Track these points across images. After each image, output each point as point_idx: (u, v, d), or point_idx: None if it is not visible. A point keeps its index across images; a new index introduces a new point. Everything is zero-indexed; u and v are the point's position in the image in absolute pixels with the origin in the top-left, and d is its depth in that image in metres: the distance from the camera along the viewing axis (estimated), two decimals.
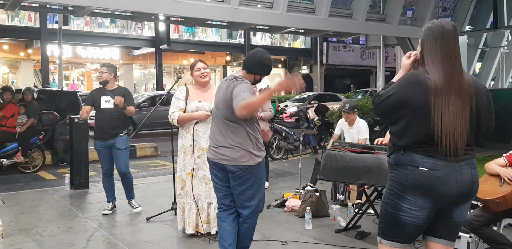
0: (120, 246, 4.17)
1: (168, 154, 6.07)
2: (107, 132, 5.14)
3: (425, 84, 2.29)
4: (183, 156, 4.33)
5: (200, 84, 4.39)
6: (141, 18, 8.74)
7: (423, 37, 2.44)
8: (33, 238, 4.40)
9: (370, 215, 4.83)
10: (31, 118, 8.18)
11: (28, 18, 20.20)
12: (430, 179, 2.31)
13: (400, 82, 2.40)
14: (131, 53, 24.73)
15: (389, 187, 2.46)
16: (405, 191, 2.36)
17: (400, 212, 2.38)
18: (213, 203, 4.24)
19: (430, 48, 2.39)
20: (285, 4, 8.36)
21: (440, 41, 2.37)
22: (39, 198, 6.02)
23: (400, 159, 2.39)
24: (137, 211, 5.24)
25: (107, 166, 5.28)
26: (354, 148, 4.36)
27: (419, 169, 2.32)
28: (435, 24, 2.43)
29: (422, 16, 10.61)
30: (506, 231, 3.72)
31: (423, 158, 2.33)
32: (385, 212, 2.47)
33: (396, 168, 2.42)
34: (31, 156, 8.19)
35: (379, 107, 2.44)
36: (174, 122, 4.28)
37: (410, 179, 2.34)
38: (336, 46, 27.44)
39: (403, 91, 2.33)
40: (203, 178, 4.27)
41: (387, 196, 2.46)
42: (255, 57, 3.35)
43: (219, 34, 25.52)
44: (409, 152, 2.36)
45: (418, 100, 2.29)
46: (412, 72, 2.45)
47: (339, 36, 11.44)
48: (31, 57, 21.97)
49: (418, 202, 2.34)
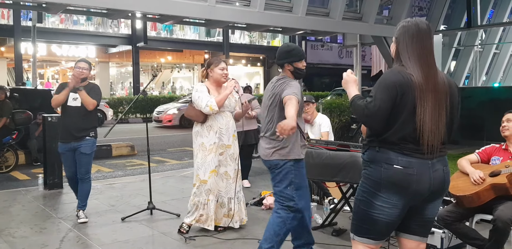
0: (95, 247, 4.11)
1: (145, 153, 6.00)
2: (72, 133, 4.76)
3: (410, 80, 2.30)
4: (202, 155, 4.29)
5: (216, 83, 4.41)
6: (117, 15, 8.60)
7: (398, 35, 2.45)
8: (4, 239, 4.30)
9: (346, 212, 4.87)
10: (4, 117, 8.01)
11: (1, 15, 19.76)
12: (403, 177, 2.32)
13: (385, 83, 2.33)
14: (107, 51, 24.41)
15: (362, 184, 2.46)
16: (378, 189, 2.36)
17: (372, 209, 2.39)
18: (234, 199, 4.39)
19: (407, 46, 2.39)
20: (262, 2, 8.35)
21: (415, 39, 2.39)
22: (12, 198, 5.89)
23: (374, 156, 2.39)
24: (81, 222, 4.77)
25: (72, 169, 4.92)
26: (330, 145, 4.38)
27: (393, 166, 2.33)
28: (410, 22, 2.44)
29: (398, 15, 10.72)
30: (479, 226, 3.78)
31: (397, 156, 2.33)
32: (357, 209, 2.48)
33: (370, 165, 2.42)
34: (4, 156, 8.03)
35: (375, 119, 2.31)
36: (214, 108, 4.17)
37: (384, 177, 2.34)
38: (314, 45, 27.59)
39: (391, 92, 2.29)
40: (224, 174, 4.36)
41: (360, 193, 2.46)
42: (277, 52, 3.64)
43: (197, 32, 25.40)
44: (385, 149, 2.36)
45: (407, 97, 2.29)
46: (392, 70, 2.40)
47: (317, 35, 11.48)
48: (4, 55, 21.51)
49: (391, 199, 2.35)
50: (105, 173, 8.13)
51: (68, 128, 4.78)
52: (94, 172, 8.23)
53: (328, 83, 27.81)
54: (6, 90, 8.46)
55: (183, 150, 11.11)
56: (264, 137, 3.40)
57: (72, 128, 4.76)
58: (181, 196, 6.00)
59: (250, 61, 29.05)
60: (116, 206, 5.48)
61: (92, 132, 4.86)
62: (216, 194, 4.35)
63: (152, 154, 5.27)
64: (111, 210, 5.34)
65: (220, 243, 4.14)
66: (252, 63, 29.30)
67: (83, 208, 4.97)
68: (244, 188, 6.30)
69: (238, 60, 27.90)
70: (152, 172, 5.31)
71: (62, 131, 4.88)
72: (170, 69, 28.55)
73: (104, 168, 8.61)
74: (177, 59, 26.72)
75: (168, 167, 8.76)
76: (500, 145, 3.73)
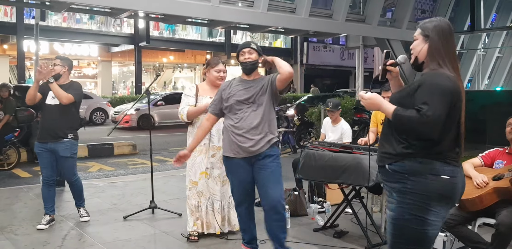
0: (96, 245, 4.11)
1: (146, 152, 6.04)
2: (48, 133, 4.50)
3: (458, 85, 2.18)
4: (193, 156, 4.13)
5: (213, 84, 4.30)
6: (120, 14, 8.62)
7: (432, 34, 2.26)
8: (7, 236, 4.31)
9: (348, 214, 4.87)
10: (7, 114, 8.02)
11: (4, 13, 19.78)
12: (451, 187, 2.19)
13: (441, 90, 2.13)
14: (109, 50, 24.42)
15: (406, 201, 2.20)
16: (428, 203, 2.17)
17: (427, 226, 2.18)
18: (226, 203, 4.28)
19: (442, 46, 2.24)
20: (265, 3, 8.37)
21: (449, 39, 2.26)
22: (14, 196, 5.90)
23: (416, 167, 2.19)
24: (84, 220, 4.77)
25: (47, 172, 4.63)
26: (333, 147, 4.39)
27: (440, 177, 2.17)
28: (442, 21, 2.30)
29: (401, 18, 10.74)
30: (481, 230, 3.78)
31: (442, 165, 2.18)
32: (408, 231, 2.21)
33: (409, 178, 2.19)
34: (6, 153, 8.03)
35: (434, 127, 2.10)
36: (184, 118, 4.17)
37: (431, 189, 2.16)
38: (316, 46, 27.59)
39: (447, 98, 2.13)
40: (218, 177, 4.21)
41: (405, 211, 2.21)
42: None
43: (200, 32, 25.40)
44: (428, 159, 2.18)
45: (458, 103, 2.17)
46: (441, 74, 2.18)
47: (319, 36, 11.51)
48: (7, 53, 21.51)
49: (441, 212, 2.21)
50: (107, 172, 8.14)
51: (45, 127, 4.55)
52: (96, 170, 8.24)
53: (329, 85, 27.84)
54: (9, 88, 8.47)
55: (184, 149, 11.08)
56: None
57: (50, 127, 4.52)
58: (182, 195, 5.98)
59: None
60: (118, 205, 5.48)
61: (71, 134, 4.58)
62: (208, 197, 4.21)
63: (153, 153, 5.27)
64: (113, 208, 5.35)
65: (222, 243, 4.15)
66: None
67: (82, 204, 4.92)
68: None
69: None
70: (154, 171, 5.31)
71: (40, 130, 4.62)
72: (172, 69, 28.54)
73: (106, 167, 8.61)
74: (179, 59, 26.72)
75: (170, 166, 8.75)
76: (503, 149, 3.73)
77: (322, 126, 5.95)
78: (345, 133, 5.53)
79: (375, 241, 4.11)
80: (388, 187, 2.33)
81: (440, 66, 2.23)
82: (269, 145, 3.42)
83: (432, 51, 2.26)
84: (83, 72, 26.10)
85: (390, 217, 2.30)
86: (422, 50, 2.30)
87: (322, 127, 5.92)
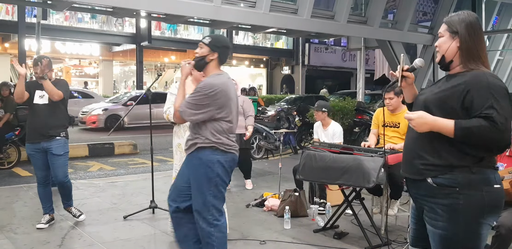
0: (96, 245, 4.11)
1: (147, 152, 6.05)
2: (40, 133, 4.43)
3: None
4: (180, 156, 4.06)
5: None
6: (122, 14, 8.64)
7: (462, 29, 2.07)
8: (6, 235, 4.31)
9: (348, 215, 4.87)
10: (8, 113, 8.02)
11: (6, 11, 19.78)
12: (502, 196, 2.03)
13: (504, 92, 1.97)
14: (111, 50, 24.43)
15: (459, 219, 1.98)
16: (482, 216, 1.98)
17: (480, 240, 2.01)
18: None
19: (475, 43, 2.06)
20: (267, 4, 8.37)
21: (480, 35, 2.09)
22: (14, 194, 5.90)
23: (470, 179, 1.97)
24: (81, 219, 4.74)
25: (42, 173, 4.59)
26: (334, 148, 4.39)
27: (494, 187, 1.99)
28: (471, 15, 2.11)
29: (402, 20, 10.74)
30: None
31: (493, 173, 2.01)
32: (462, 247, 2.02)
33: (461, 192, 1.97)
34: (6, 152, 8.03)
35: (508, 133, 1.92)
36: (170, 118, 3.98)
37: (487, 202, 1.96)
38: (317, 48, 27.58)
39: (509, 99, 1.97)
40: None
41: (461, 230, 1.99)
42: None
43: (201, 32, 25.40)
44: (480, 167, 1.98)
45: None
46: (491, 75, 2.02)
47: (321, 37, 11.52)
48: (8, 51, 21.53)
49: (491, 222, 2.05)
50: (107, 171, 8.14)
51: (36, 127, 4.45)
52: (96, 170, 8.24)
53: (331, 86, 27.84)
54: (10, 87, 8.47)
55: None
56: None
57: (41, 126, 4.43)
58: None
59: (253, 62, 29.04)
60: (118, 204, 5.49)
61: (63, 132, 4.55)
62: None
63: (154, 153, 5.27)
64: (113, 208, 5.35)
65: None
66: (255, 64, 29.29)
67: (71, 204, 4.81)
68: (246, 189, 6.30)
69: (241, 62, 27.90)
70: (154, 171, 5.31)
71: (29, 131, 4.52)
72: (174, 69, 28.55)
73: (106, 166, 8.62)
74: (180, 59, 26.68)
75: (170, 166, 8.74)
76: (504, 151, 3.73)
77: (314, 130, 5.89)
78: (335, 133, 5.51)
79: (375, 242, 4.12)
80: (430, 203, 2.07)
81: (477, 65, 2.05)
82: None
83: (467, 48, 2.06)
84: (84, 72, 26.13)
85: (438, 236, 2.05)
86: (450, 48, 2.10)
87: (315, 132, 5.87)
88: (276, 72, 29.33)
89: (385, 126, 4.75)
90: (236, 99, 3.28)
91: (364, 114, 9.87)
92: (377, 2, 10.11)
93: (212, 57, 3.18)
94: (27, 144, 4.55)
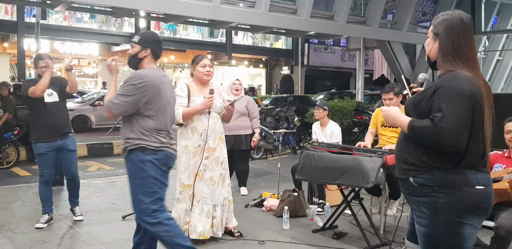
0: (95, 245, 4.11)
1: None
2: (57, 130, 4.51)
3: (477, 87, 2.01)
4: (186, 158, 4.06)
5: (201, 82, 4.19)
6: (121, 13, 8.63)
7: (441, 30, 2.11)
8: (5, 235, 4.31)
9: (347, 216, 4.87)
10: (7, 113, 8.03)
11: (5, 11, 19.76)
12: (487, 197, 2.05)
13: (456, 94, 1.97)
14: (110, 49, 24.41)
15: (439, 217, 2.04)
16: (463, 216, 2.01)
17: (463, 241, 2.05)
18: (219, 205, 4.16)
19: (453, 44, 2.08)
20: (267, 4, 8.37)
21: (461, 36, 2.08)
22: (13, 194, 5.90)
23: (447, 179, 2.02)
24: (78, 219, 4.77)
25: (50, 171, 4.63)
26: (333, 148, 4.38)
27: (475, 188, 2.01)
28: (453, 16, 2.12)
29: (402, 20, 10.75)
30: (480, 233, 3.76)
31: (476, 174, 2.03)
32: (443, 247, 2.07)
33: (440, 191, 2.02)
34: (5, 152, 8.03)
35: (452, 137, 1.93)
36: (178, 120, 3.97)
37: (467, 202, 2.00)
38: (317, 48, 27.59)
39: (465, 102, 1.97)
40: (209, 180, 4.11)
41: (441, 228, 2.04)
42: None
43: (201, 33, 25.40)
44: (459, 168, 2.02)
45: (480, 106, 2.01)
46: (456, 76, 2.03)
47: (320, 37, 11.51)
48: (7, 51, 21.50)
49: (475, 223, 2.07)
50: (106, 171, 8.13)
51: (52, 125, 4.49)
52: (95, 169, 8.23)
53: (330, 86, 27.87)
54: (9, 86, 8.48)
55: None
56: None
57: (57, 124, 4.51)
58: None
59: (253, 62, 29.04)
60: (117, 204, 5.48)
61: (71, 128, 4.76)
62: (198, 200, 4.08)
63: None
64: (112, 208, 5.34)
65: (220, 244, 4.14)
66: (255, 64, 29.29)
67: (78, 203, 4.91)
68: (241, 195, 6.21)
69: (240, 62, 27.90)
70: None
71: (44, 130, 4.48)
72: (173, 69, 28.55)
73: (105, 166, 8.61)
74: (179, 59, 26.71)
75: None
76: (503, 152, 3.73)
77: (313, 130, 5.88)
78: (333, 133, 5.49)
79: (373, 242, 4.12)
80: (414, 201, 2.15)
81: (454, 66, 2.07)
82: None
83: (443, 50, 2.10)
84: (84, 71, 26.10)
85: (421, 233, 2.13)
86: (432, 48, 2.17)
87: (313, 132, 5.85)
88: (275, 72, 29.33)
89: (384, 126, 4.76)
90: (170, 98, 3.27)
91: (363, 115, 9.87)
92: (376, 2, 10.12)
93: (145, 53, 3.19)
94: (40, 144, 4.49)
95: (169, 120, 3.25)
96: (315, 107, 5.63)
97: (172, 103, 3.34)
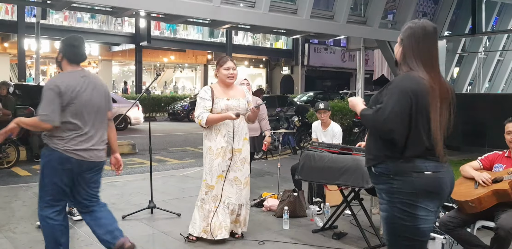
0: (95, 244, 4.10)
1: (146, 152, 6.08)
2: None
3: (423, 85, 2.25)
4: (210, 159, 4.10)
5: (224, 84, 4.22)
6: (122, 13, 8.62)
7: (404, 37, 2.39)
8: (5, 234, 4.31)
9: (347, 216, 4.86)
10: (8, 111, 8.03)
11: (5, 11, 19.79)
12: (437, 182, 2.28)
13: (399, 90, 2.26)
14: (110, 49, 24.44)
15: (393, 200, 2.32)
16: (416, 199, 2.27)
17: (420, 221, 2.29)
18: (245, 205, 4.21)
19: (413, 49, 2.35)
20: (267, 4, 8.36)
21: (421, 42, 2.34)
22: (13, 194, 5.89)
23: (398, 167, 2.29)
24: (77, 219, 4.74)
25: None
26: (333, 149, 4.38)
27: (424, 173, 2.27)
28: (417, 24, 2.39)
29: (402, 20, 10.73)
30: (480, 233, 3.78)
31: (424, 162, 2.28)
32: (402, 228, 2.31)
33: (394, 178, 2.30)
34: (5, 152, 8.02)
35: (387, 126, 2.23)
36: (203, 124, 4.02)
37: (418, 186, 2.26)
38: (317, 48, 27.62)
39: (404, 98, 2.23)
40: (234, 180, 4.14)
41: (396, 211, 2.31)
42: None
43: (201, 33, 25.43)
44: (409, 157, 2.28)
45: (422, 103, 2.24)
46: (406, 76, 2.32)
47: (320, 37, 11.50)
48: (7, 51, 21.53)
49: (429, 206, 2.29)
50: (106, 171, 8.08)
51: None
52: None
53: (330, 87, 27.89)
54: (9, 86, 8.48)
55: (184, 149, 11.10)
56: None
57: None
58: (181, 195, 6.00)
59: (253, 62, 29.07)
60: (117, 204, 5.48)
61: None
62: (224, 200, 4.10)
63: (153, 153, 5.27)
64: (111, 208, 5.25)
65: (220, 244, 4.13)
66: (255, 64, 29.32)
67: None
68: None
69: (240, 62, 27.91)
70: (153, 171, 5.31)
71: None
72: (173, 69, 28.57)
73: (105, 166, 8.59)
74: (180, 59, 26.75)
75: (169, 166, 8.76)
76: (503, 152, 3.73)
77: (312, 130, 5.84)
78: (335, 134, 5.47)
79: (373, 242, 4.12)
80: (377, 189, 2.42)
81: (411, 69, 2.33)
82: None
83: (403, 54, 2.39)
84: None
85: (383, 217, 2.40)
86: (397, 53, 2.44)
87: (313, 131, 5.82)
88: (275, 72, 29.35)
89: None
90: (96, 97, 3.45)
91: None
92: (376, 2, 10.11)
93: (60, 57, 3.46)
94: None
95: (87, 124, 3.54)
96: (322, 111, 5.53)
97: (97, 104, 3.51)
